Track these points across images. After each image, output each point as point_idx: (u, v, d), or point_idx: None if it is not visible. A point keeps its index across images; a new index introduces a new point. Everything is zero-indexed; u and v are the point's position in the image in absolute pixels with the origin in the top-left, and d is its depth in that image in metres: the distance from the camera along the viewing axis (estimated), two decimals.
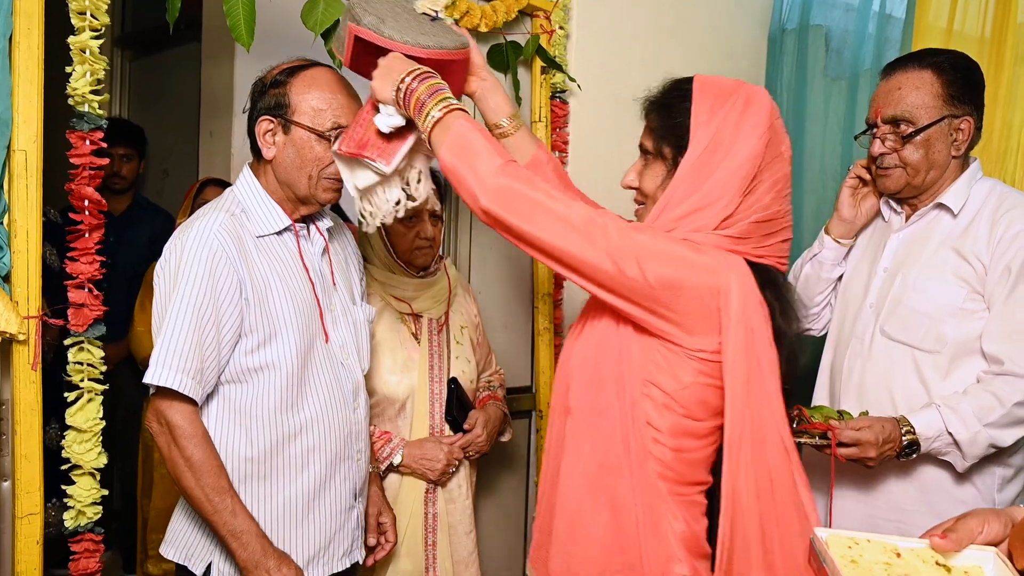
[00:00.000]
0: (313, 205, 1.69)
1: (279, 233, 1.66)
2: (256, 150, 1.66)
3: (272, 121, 1.62)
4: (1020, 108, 2.70)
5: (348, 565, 1.76)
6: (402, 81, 1.40)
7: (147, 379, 1.49)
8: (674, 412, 1.35)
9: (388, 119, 1.45)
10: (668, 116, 1.40)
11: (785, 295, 1.40)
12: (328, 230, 1.79)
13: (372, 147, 1.47)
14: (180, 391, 1.49)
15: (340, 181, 1.65)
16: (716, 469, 1.38)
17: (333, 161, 1.60)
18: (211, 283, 1.52)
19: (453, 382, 2.15)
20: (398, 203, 1.52)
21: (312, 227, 1.75)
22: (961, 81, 1.82)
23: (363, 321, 1.82)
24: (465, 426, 2.15)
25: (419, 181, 1.54)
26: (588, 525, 1.40)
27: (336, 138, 1.58)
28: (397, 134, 1.48)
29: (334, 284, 1.76)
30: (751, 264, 1.36)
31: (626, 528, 1.36)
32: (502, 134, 1.69)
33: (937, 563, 1.04)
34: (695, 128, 1.35)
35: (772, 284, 1.38)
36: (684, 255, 1.30)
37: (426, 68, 1.43)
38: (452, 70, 1.55)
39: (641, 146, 1.47)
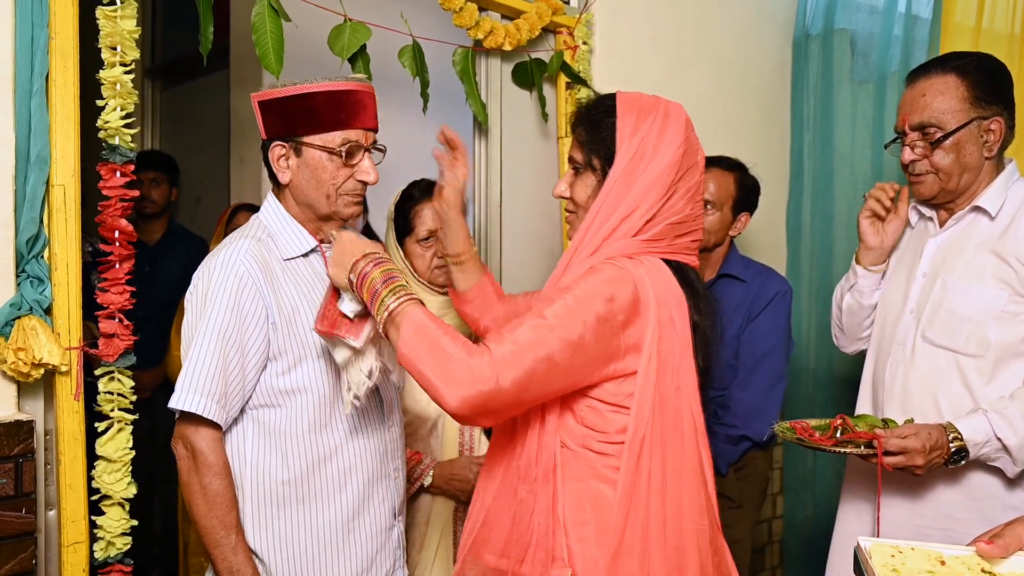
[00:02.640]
0: (337, 221, 1.70)
1: (305, 255, 1.68)
2: (274, 176, 1.68)
3: (284, 146, 1.63)
4: None
5: None
6: (355, 265, 1.46)
7: (172, 403, 1.51)
8: (620, 413, 1.43)
9: (350, 305, 1.50)
10: (596, 130, 1.52)
11: (699, 290, 1.52)
12: None
13: (341, 325, 1.51)
14: (204, 415, 1.51)
15: (360, 195, 1.68)
16: None
17: (350, 177, 1.63)
18: (237, 310, 1.54)
19: None
20: (370, 375, 1.55)
21: None
22: (987, 82, 1.81)
23: None
24: None
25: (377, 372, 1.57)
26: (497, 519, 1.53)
27: (347, 154, 1.61)
28: (363, 310, 1.51)
29: None
30: (668, 262, 1.49)
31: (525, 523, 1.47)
32: (459, 262, 1.82)
33: (983, 570, 1.03)
34: (621, 141, 1.47)
35: (686, 281, 1.50)
36: (598, 292, 1.38)
37: (380, 253, 1.48)
38: (355, 101, 1.61)
39: (571, 159, 1.57)
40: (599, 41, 2.85)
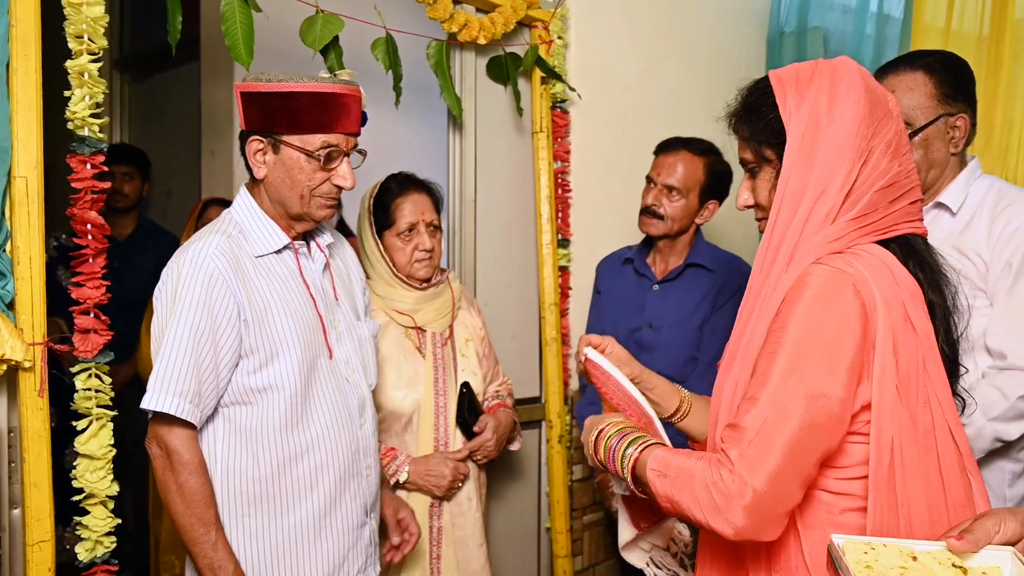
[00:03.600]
0: (308, 223, 1.68)
1: (278, 252, 1.66)
2: (250, 169, 1.65)
3: (262, 141, 1.61)
4: (1020, 105, 2.69)
5: None
6: (589, 444, 1.37)
7: (145, 404, 1.49)
8: (860, 440, 1.23)
9: (618, 487, 1.42)
10: (757, 118, 1.32)
11: (929, 262, 1.29)
12: (328, 246, 1.79)
13: (631, 517, 1.49)
14: (178, 415, 1.49)
15: (334, 198, 1.66)
16: None
17: (326, 180, 1.62)
18: (207, 307, 1.52)
19: (465, 386, 2.15)
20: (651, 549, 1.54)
21: (312, 244, 1.75)
22: (953, 80, 1.84)
23: (368, 336, 1.81)
24: (475, 428, 2.14)
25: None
26: None
27: (326, 158, 1.60)
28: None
29: (336, 300, 1.76)
30: (886, 242, 1.26)
31: None
32: (683, 414, 1.55)
33: (954, 565, 1.03)
34: (788, 116, 1.26)
35: (914, 255, 1.28)
36: (816, 319, 1.18)
37: (607, 421, 1.36)
38: (339, 104, 1.60)
39: (742, 162, 1.38)
40: (574, 36, 2.85)
